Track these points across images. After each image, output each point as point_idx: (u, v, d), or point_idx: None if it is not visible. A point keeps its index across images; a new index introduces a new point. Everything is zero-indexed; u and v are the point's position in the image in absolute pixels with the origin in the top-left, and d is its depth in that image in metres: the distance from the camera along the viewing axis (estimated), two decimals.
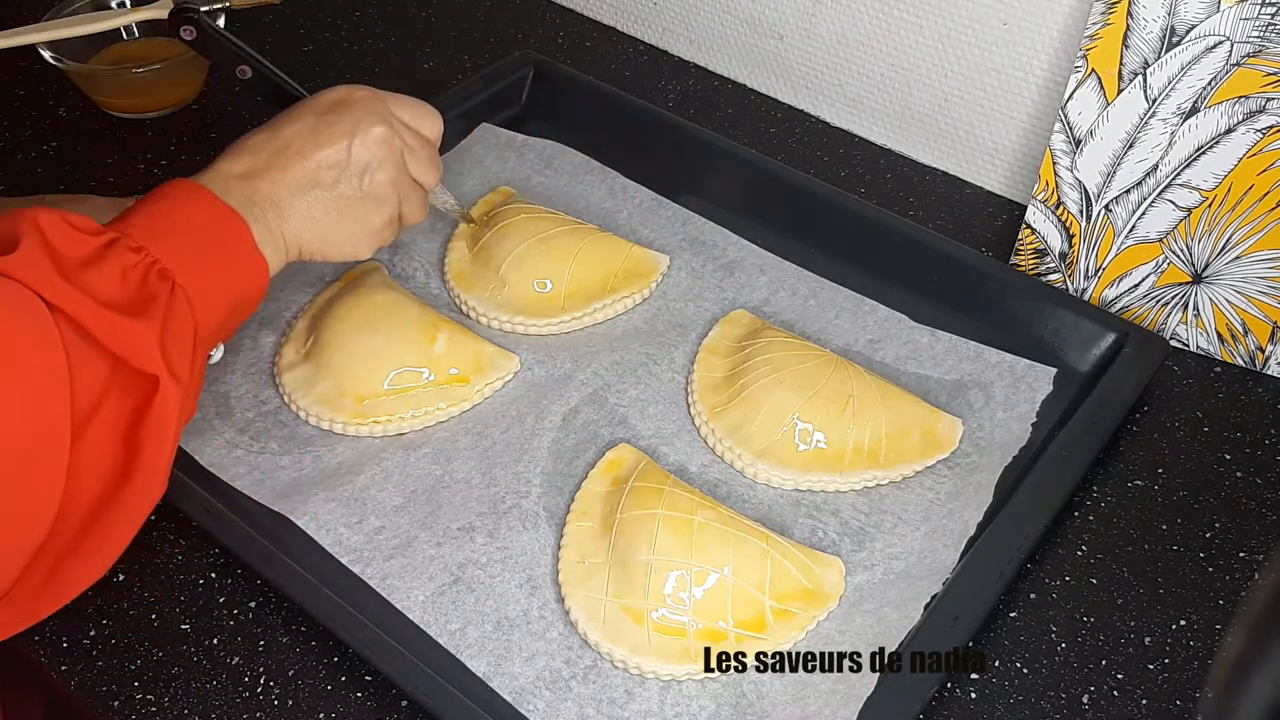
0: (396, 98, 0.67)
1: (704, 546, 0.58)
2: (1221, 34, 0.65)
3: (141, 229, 0.54)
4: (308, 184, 0.61)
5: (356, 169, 0.63)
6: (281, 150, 0.61)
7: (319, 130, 0.62)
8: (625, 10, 1.00)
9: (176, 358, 0.52)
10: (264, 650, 0.59)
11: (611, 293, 0.75)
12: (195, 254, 0.55)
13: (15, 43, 0.81)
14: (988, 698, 0.57)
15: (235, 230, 0.57)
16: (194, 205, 0.57)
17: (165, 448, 0.52)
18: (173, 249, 0.54)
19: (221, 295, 0.56)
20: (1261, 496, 0.66)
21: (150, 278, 0.53)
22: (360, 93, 0.65)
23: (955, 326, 0.73)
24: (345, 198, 0.62)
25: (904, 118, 0.88)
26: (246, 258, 0.58)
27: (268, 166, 0.60)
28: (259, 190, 0.59)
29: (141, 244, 0.53)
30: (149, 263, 0.53)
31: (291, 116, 0.63)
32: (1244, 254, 0.70)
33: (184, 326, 0.53)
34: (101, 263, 0.51)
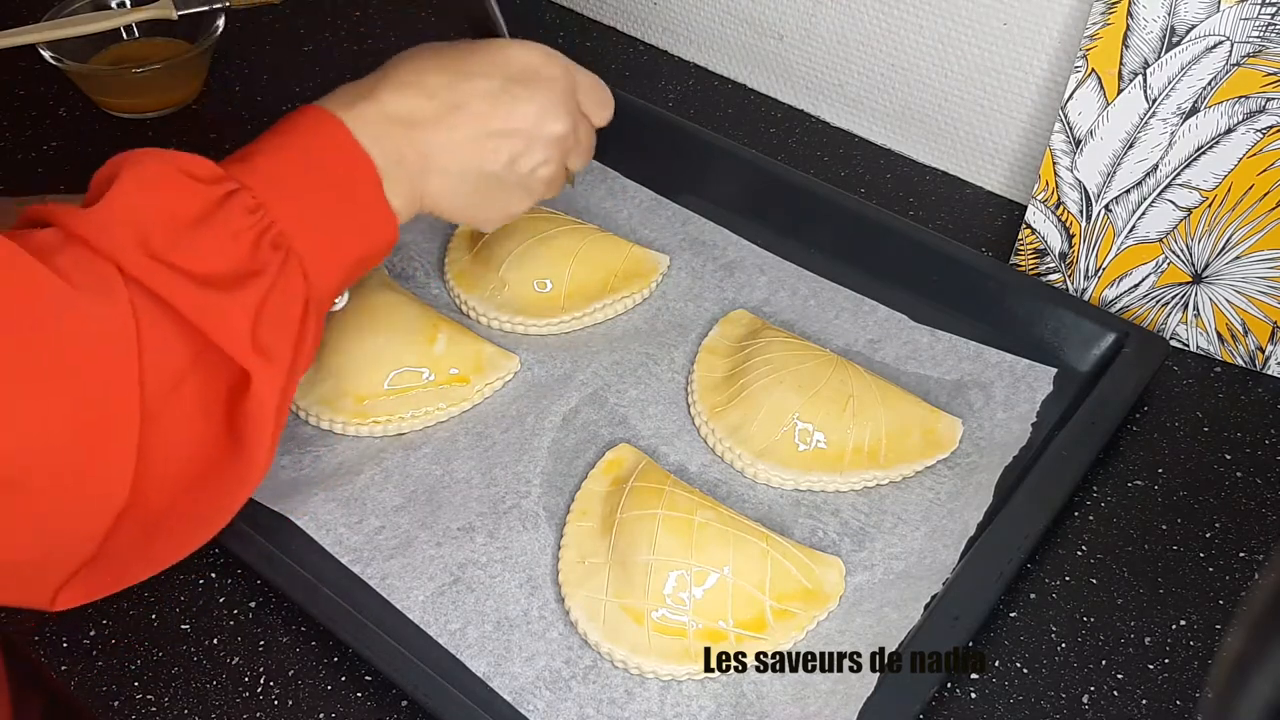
0: (581, 77, 0.62)
1: (704, 546, 0.58)
2: (1221, 34, 0.65)
3: (265, 176, 0.50)
4: (471, 154, 0.56)
5: (526, 159, 0.58)
6: (457, 107, 0.56)
7: (502, 101, 0.57)
8: (625, 10, 1.00)
9: (274, 337, 0.48)
10: (264, 650, 0.59)
11: (611, 293, 0.75)
12: (319, 212, 0.51)
13: (15, 42, 0.81)
14: (988, 698, 0.57)
15: (367, 183, 0.53)
16: (328, 149, 0.52)
17: (265, 431, 0.49)
18: (295, 207, 0.50)
19: (343, 258, 0.52)
20: (1261, 496, 0.66)
21: (262, 245, 0.49)
22: (554, 68, 0.60)
23: (955, 326, 0.73)
24: (500, 180, 0.58)
25: (904, 118, 0.88)
26: (375, 215, 0.53)
27: (435, 119, 0.55)
28: (415, 143, 0.54)
29: (260, 200, 0.49)
30: (264, 227, 0.49)
31: (478, 67, 0.57)
32: (1244, 254, 0.70)
33: (292, 299, 0.50)
34: (211, 223, 0.47)
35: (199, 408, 0.47)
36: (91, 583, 0.48)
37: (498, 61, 0.58)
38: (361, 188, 0.53)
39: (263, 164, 0.51)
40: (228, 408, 0.48)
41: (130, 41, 0.93)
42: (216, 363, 0.47)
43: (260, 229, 0.49)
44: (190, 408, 0.46)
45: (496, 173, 0.58)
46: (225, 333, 0.47)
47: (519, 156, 0.58)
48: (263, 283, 0.48)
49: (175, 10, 0.88)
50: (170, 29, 0.91)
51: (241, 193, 0.49)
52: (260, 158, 0.51)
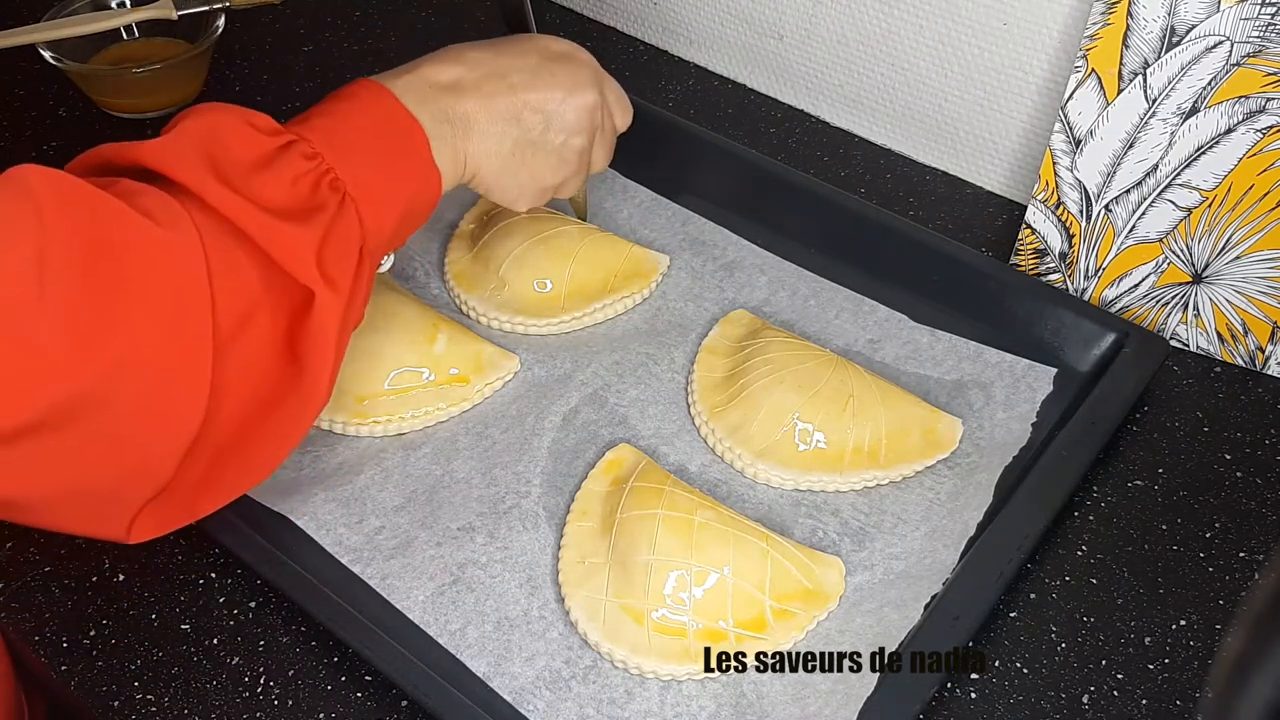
0: (609, 78, 0.67)
1: (704, 546, 0.58)
2: (1221, 34, 0.65)
3: (321, 131, 0.54)
4: (509, 117, 0.60)
5: (559, 125, 0.62)
6: (497, 75, 0.60)
7: (540, 72, 0.61)
8: (625, 10, 1.00)
9: (336, 268, 0.51)
10: (264, 650, 0.59)
11: (611, 293, 0.75)
12: (371, 164, 0.54)
13: (15, 42, 0.81)
14: (988, 698, 0.57)
15: (415, 142, 0.56)
16: (378, 111, 0.56)
17: (327, 358, 0.52)
18: (349, 158, 0.53)
19: (393, 208, 0.55)
20: (1261, 496, 0.66)
21: (321, 187, 0.52)
22: (583, 55, 0.65)
23: (955, 326, 0.73)
24: (536, 146, 0.62)
25: (904, 118, 0.88)
26: (423, 171, 0.57)
27: (476, 86, 0.59)
28: (458, 105, 0.58)
29: (318, 150, 0.53)
30: (322, 171, 0.52)
31: (515, 48, 0.62)
32: (1244, 254, 0.70)
33: (350, 238, 0.53)
34: (273, 166, 0.51)
35: (268, 334, 0.50)
36: (164, 514, 0.50)
37: (531, 44, 0.63)
38: (410, 145, 0.56)
39: (319, 123, 0.54)
40: (291, 335, 0.51)
41: (130, 41, 0.93)
42: (283, 289, 0.50)
43: (319, 173, 0.52)
44: (260, 334, 0.49)
45: (533, 138, 0.62)
46: (293, 258, 0.50)
47: (553, 122, 0.62)
48: (324, 218, 0.51)
49: (175, 10, 0.88)
50: (170, 29, 0.91)
51: (300, 142, 0.53)
52: (316, 119, 0.55)
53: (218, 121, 0.51)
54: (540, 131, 0.62)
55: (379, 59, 0.98)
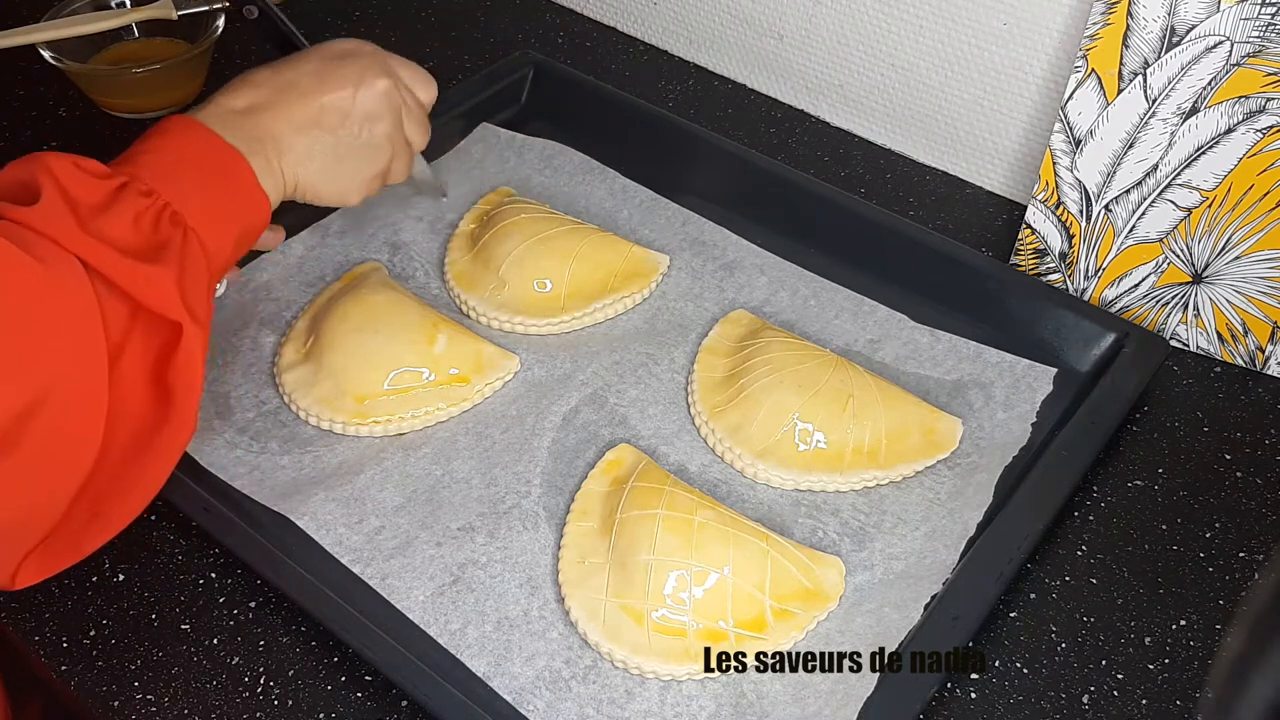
0: (397, 59, 0.68)
1: (704, 546, 0.58)
2: (1221, 34, 0.65)
3: (148, 168, 0.55)
4: (309, 124, 0.62)
5: (359, 117, 0.64)
6: (286, 88, 0.62)
7: (325, 74, 0.63)
8: (625, 10, 1.00)
9: (196, 300, 0.53)
10: (264, 650, 0.59)
11: (611, 293, 0.75)
12: (201, 193, 0.56)
13: (15, 42, 0.81)
14: (988, 698, 0.57)
15: (236, 166, 0.58)
16: (195, 143, 0.57)
17: (195, 388, 0.53)
18: (179, 189, 0.55)
19: (229, 232, 0.57)
20: (1261, 496, 0.66)
21: (162, 222, 0.53)
22: (366, 47, 0.66)
23: (955, 326, 0.73)
24: (344, 143, 0.64)
25: (904, 118, 0.88)
26: (249, 193, 0.58)
27: (270, 102, 0.61)
28: (260, 124, 0.60)
29: (151, 186, 0.54)
30: (160, 206, 0.54)
31: (297, 59, 0.64)
32: (1244, 254, 0.70)
33: (199, 268, 0.54)
34: (114, 208, 0.52)
35: (140, 369, 0.52)
36: (48, 558, 0.51)
37: (312, 51, 0.65)
38: (233, 170, 0.58)
39: (144, 160, 0.56)
40: (158, 369, 0.53)
41: (130, 41, 0.93)
42: (149, 326, 0.52)
43: (157, 209, 0.54)
44: (133, 369, 0.51)
45: (341, 137, 0.63)
46: (157, 295, 0.51)
47: (351, 114, 0.64)
48: (173, 253, 0.53)
49: (175, 10, 0.88)
50: (170, 29, 0.91)
51: (133, 182, 0.54)
52: (140, 156, 0.56)
53: (54, 168, 0.52)
54: (342, 126, 0.63)
55: None
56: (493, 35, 1.01)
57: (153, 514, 0.64)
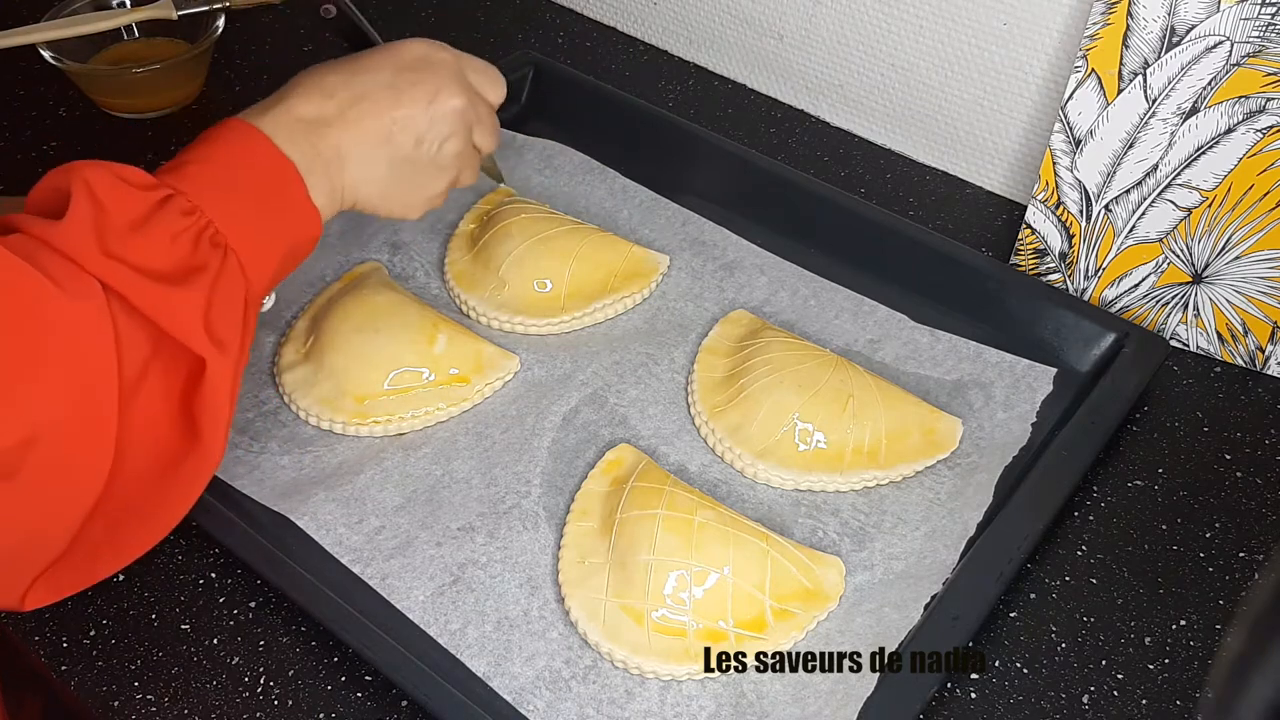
0: (470, 60, 0.65)
1: (704, 546, 0.58)
2: (1221, 34, 0.65)
3: (195, 180, 0.53)
4: (379, 140, 0.59)
5: (430, 136, 0.61)
6: (357, 99, 0.59)
7: (399, 87, 0.60)
8: (625, 10, 1.00)
9: (225, 328, 0.51)
10: (264, 650, 0.59)
11: (611, 293, 0.75)
12: (249, 212, 0.54)
13: (15, 42, 0.81)
14: (988, 698, 0.57)
15: (291, 183, 0.56)
16: (251, 155, 0.55)
17: (221, 419, 0.51)
18: (226, 207, 0.53)
19: (274, 252, 0.55)
20: (1261, 496, 0.66)
21: (202, 243, 0.51)
22: (440, 53, 0.63)
23: (955, 326, 0.73)
24: (412, 161, 0.61)
25: (904, 118, 0.88)
26: (300, 211, 0.56)
27: (339, 115, 0.58)
28: (327, 138, 0.58)
29: (195, 203, 0.52)
30: (201, 226, 0.52)
31: (370, 64, 0.61)
32: (1244, 254, 0.70)
33: (234, 293, 0.52)
34: (151, 225, 0.50)
35: (162, 399, 0.50)
36: (60, 580, 0.50)
37: (385, 56, 0.62)
38: (286, 187, 0.56)
39: (193, 171, 0.53)
40: (184, 398, 0.51)
41: (130, 41, 0.93)
42: (174, 354, 0.50)
43: (198, 228, 0.51)
44: (153, 398, 0.49)
45: (406, 155, 0.61)
46: (181, 325, 0.49)
47: (424, 135, 0.61)
48: (207, 277, 0.51)
49: (175, 10, 0.88)
50: (170, 29, 0.91)
51: (177, 197, 0.51)
52: (190, 166, 0.53)
53: (99, 184, 0.50)
54: (413, 146, 0.61)
55: None
56: (493, 35, 1.01)
57: None
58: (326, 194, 0.58)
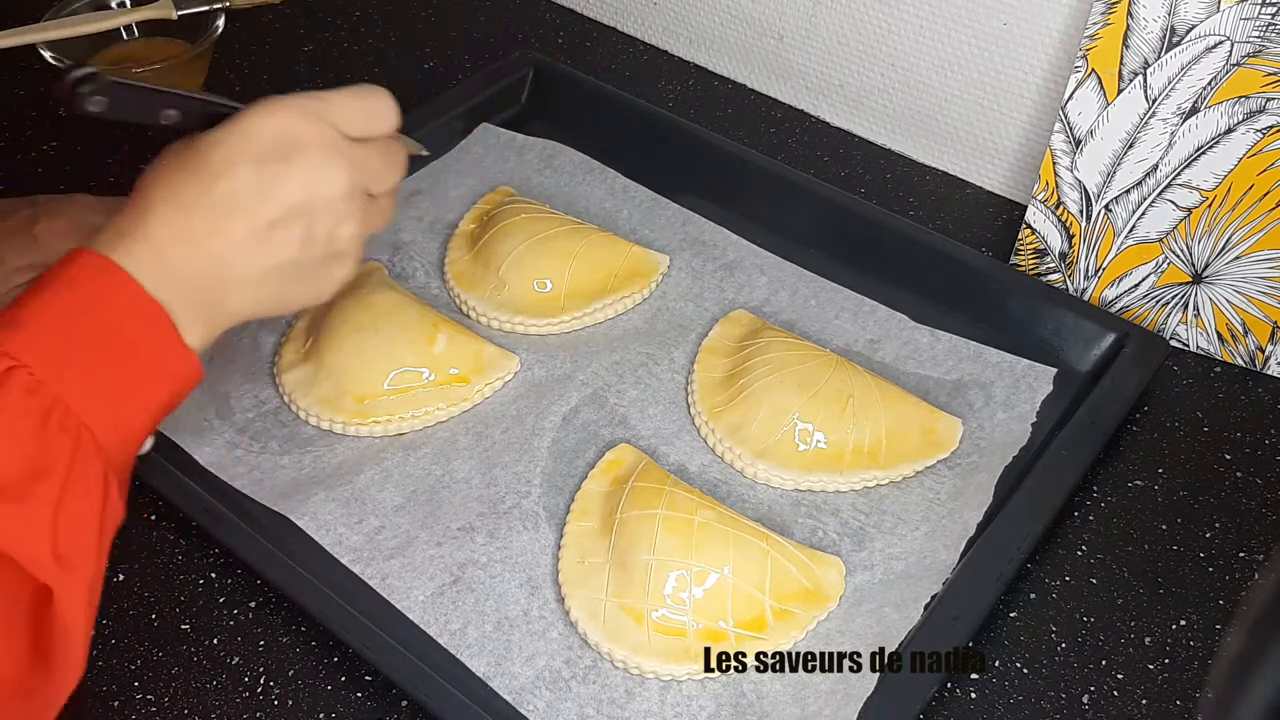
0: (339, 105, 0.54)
1: (704, 546, 0.58)
2: (1221, 34, 0.65)
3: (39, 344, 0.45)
4: (256, 249, 0.51)
5: (317, 230, 0.52)
6: (220, 208, 0.50)
7: (264, 184, 0.50)
8: (625, 10, 1.00)
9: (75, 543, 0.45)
10: (264, 650, 0.59)
11: (611, 293, 0.75)
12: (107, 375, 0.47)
13: (15, 42, 0.81)
14: (988, 698, 0.57)
15: (159, 328, 0.48)
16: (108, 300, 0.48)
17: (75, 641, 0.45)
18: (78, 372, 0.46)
19: (140, 413, 0.48)
20: (1261, 496, 0.66)
21: (49, 431, 0.44)
22: (302, 123, 0.52)
23: (955, 326, 0.73)
24: (303, 262, 0.52)
25: (904, 118, 0.88)
26: (171, 357, 0.49)
27: (206, 231, 0.49)
28: (196, 261, 0.49)
29: (40, 376, 0.45)
30: (46, 408, 0.44)
31: (224, 160, 0.50)
32: (1244, 254, 0.70)
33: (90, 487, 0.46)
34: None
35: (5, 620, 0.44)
36: None
37: (240, 145, 0.51)
38: (153, 334, 0.48)
39: (35, 329, 0.46)
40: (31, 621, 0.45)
41: (130, 41, 0.93)
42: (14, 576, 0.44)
43: (43, 411, 0.45)
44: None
45: (294, 258, 0.52)
46: (23, 550, 0.43)
47: (309, 233, 0.52)
48: (54, 481, 0.44)
49: (175, 10, 0.88)
50: (170, 29, 0.91)
51: (17, 371, 0.45)
52: (33, 322, 0.46)
53: None
54: (300, 248, 0.52)
55: (379, 59, 0.98)
56: (493, 35, 1.01)
57: (153, 514, 0.64)
58: (202, 331, 0.50)
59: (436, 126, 0.85)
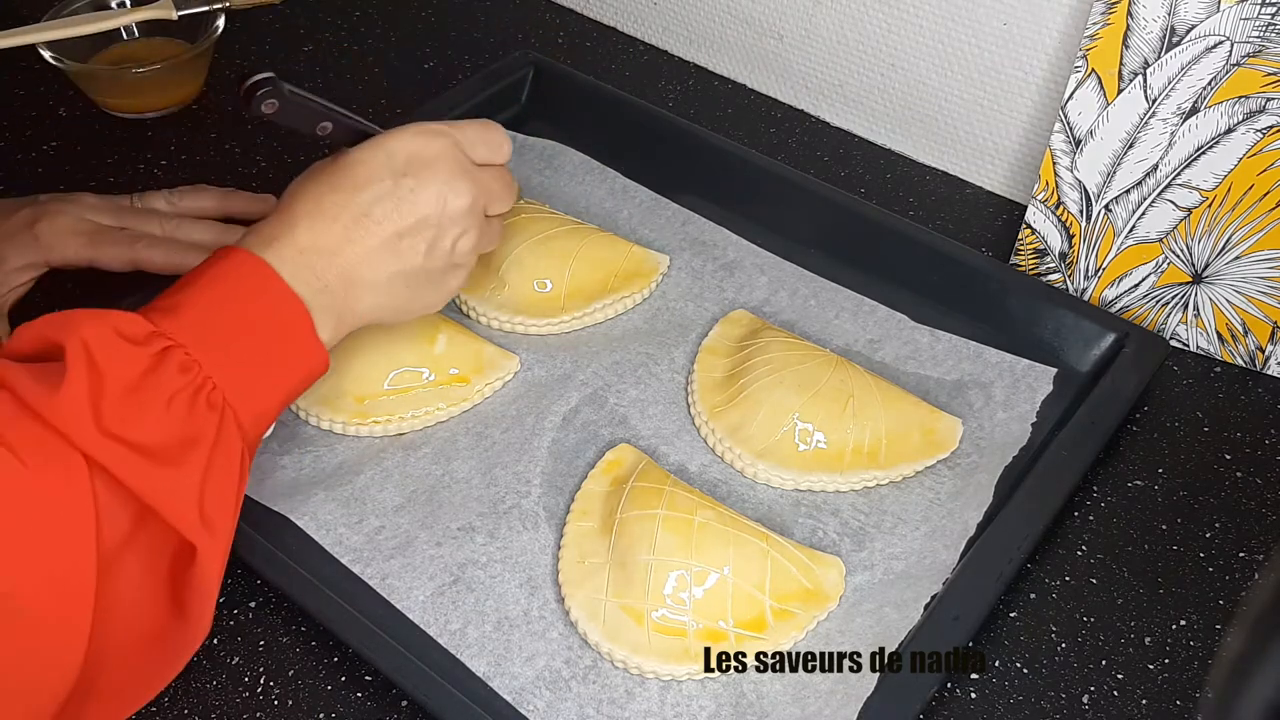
0: (467, 133, 0.61)
1: (704, 546, 0.58)
2: (1221, 34, 0.65)
3: (194, 328, 0.51)
4: (387, 259, 0.57)
5: (442, 241, 0.59)
6: (360, 218, 0.56)
7: (400, 196, 0.57)
8: (625, 10, 1.00)
9: (218, 509, 0.49)
10: (264, 650, 0.59)
11: (611, 293, 0.75)
12: (251, 359, 0.52)
13: (15, 43, 0.81)
14: (988, 698, 0.57)
15: (298, 322, 0.54)
16: (258, 293, 0.53)
17: (209, 599, 0.50)
18: (226, 358, 0.51)
19: (274, 398, 0.54)
20: (1261, 496, 0.66)
21: (198, 405, 0.49)
22: (435, 144, 0.59)
23: (955, 326, 0.73)
24: (425, 270, 0.59)
25: (904, 118, 0.88)
26: (306, 350, 0.55)
27: (346, 238, 0.56)
28: (333, 266, 0.56)
29: (194, 358, 0.50)
30: (198, 384, 0.49)
31: (365, 175, 0.57)
32: (1244, 254, 0.70)
33: (230, 461, 0.50)
34: (147, 387, 0.48)
35: (144, 575, 0.48)
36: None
37: (381, 162, 0.58)
38: (291, 327, 0.54)
39: (191, 315, 0.51)
40: (171, 576, 0.49)
41: (130, 41, 0.93)
42: (161, 533, 0.48)
43: (194, 388, 0.49)
44: (135, 576, 0.47)
45: (420, 265, 0.59)
46: (173, 509, 0.48)
47: (435, 243, 0.59)
48: (203, 450, 0.49)
49: (175, 10, 0.88)
50: (170, 29, 0.91)
51: (174, 350, 0.50)
52: (189, 308, 0.51)
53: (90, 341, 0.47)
54: (425, 255, 0.59)
55: (379, 59, 0.98)
56: (493, 35, 1.01)
57: None
58: (333, 327, 0.56)
59: None
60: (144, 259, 0.71)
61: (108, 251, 0.71)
